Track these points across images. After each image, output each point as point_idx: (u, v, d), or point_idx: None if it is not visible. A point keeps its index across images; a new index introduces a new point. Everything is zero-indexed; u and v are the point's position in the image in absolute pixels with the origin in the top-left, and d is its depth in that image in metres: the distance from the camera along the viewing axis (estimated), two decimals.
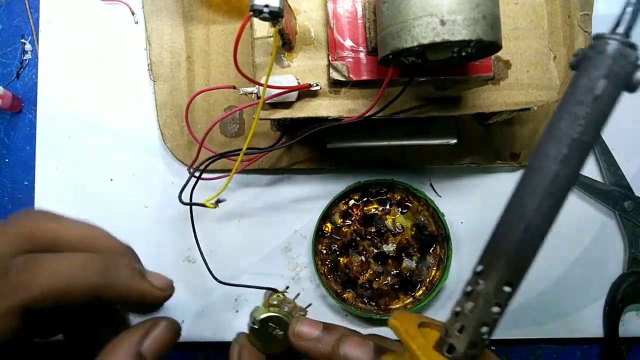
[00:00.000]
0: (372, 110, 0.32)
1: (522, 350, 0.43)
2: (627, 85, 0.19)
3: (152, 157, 0.42)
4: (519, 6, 0.32)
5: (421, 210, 0.42)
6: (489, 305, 0.21)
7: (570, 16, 0.40)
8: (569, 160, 0.19)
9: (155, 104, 0.41)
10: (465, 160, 0.41)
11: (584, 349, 0.43)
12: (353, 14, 0.31)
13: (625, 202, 0.42)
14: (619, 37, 0.19)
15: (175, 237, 0.42)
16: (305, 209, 0.42)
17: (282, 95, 0.31)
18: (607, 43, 0.19)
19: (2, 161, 0.43)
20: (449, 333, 0.22)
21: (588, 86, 0.19)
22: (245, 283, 0.37)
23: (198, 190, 0.37)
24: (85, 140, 0.42)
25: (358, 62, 0.31)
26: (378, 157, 0.42)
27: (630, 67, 0.19)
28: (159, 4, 0.41)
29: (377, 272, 0.41)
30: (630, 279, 0.41)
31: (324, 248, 0.42)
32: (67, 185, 0.42)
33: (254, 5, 0.23)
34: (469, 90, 0.33)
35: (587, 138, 0.19)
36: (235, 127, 0.42)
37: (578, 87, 0.19)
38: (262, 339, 0.33)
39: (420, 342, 0.23)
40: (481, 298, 0.21)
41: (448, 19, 0.23)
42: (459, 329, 0.21)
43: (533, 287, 0.42)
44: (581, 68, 0.20)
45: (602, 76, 0.19)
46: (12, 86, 0.44)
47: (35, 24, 0.43)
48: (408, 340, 0.23)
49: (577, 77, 0.20)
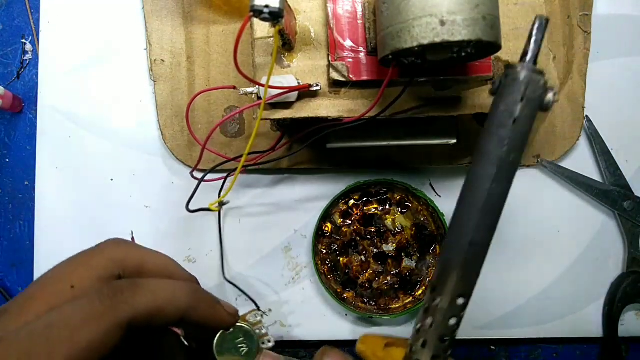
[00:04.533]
0: (372, 111, 0.32)
1: (522, 350, 0.43)
2: (541, 106, 0.22)
3: (153, 157, 0.42)
4: (518, 6, 0.32)
5: (421, 210, 0.42)
6: (446, 319, 0.22)
7: (569, 16, 0.40)
8: (499, 178, 0.21)
9: (156, 104, 0.41)
10: (465, 160, 0.41)
11: (583, 349, 0.43)
12: (353, 14, 0.31)
13: (625, 202, 0.42)
14: (528, 64, 0.22)
15: (176, 237, 0.42)
16: (305, 209, 0.42)
17: (282, 96, 0.31)
18: (519, 72, 0.21)
19: (3, 161, 0.44)
20: (413, 349, 0.23)
21: (507, 111, 0.21)
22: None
23: (199, 191, 0.37)
24: (85, 140, 0.43)
25: (358, 63, 0.31)
26: (378, 157, 0.42)
27: (541, 91, 0.21)
28: (159, 4, 0.41)
29: (377, 271, 0.41)
30: (630, 279, 0.41)
31: (324, 248, 0.42)
32: (67, 185, 0.42)
33: (254, 6, 0.23)
34: (469, 91, 0.33)
35: (513, 157, 0.21)
36: (235, 127, 0.42)
37: (499, 111, 0.22)
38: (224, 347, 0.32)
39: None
40: (438, 314, 0.23)
41: (448, 19, 0.23)
42: (422, 344, 0.23)
43: (533, 287, 0.42)
44: (499, 94, 0.22)
45: (518, 101, 0.21)
46: (13, 86, 0.44)
47: (35, 24, 0.43)
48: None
49: (496, 103, 0.22)
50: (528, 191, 0.42)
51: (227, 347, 0.33)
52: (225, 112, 0.41)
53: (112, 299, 0.26)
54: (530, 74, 0.21)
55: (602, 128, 0.42)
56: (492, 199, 0.21)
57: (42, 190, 0.42)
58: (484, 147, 0.22)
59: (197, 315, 0.28)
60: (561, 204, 0.42)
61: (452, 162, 0.41)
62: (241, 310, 0.34)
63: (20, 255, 0.43)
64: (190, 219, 0.40)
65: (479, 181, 0.22)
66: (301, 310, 0.42)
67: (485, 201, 0.21)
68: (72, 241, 0.42)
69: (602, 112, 0.42)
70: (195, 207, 0.37)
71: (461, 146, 0.39)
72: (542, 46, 0.22)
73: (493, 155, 0.21)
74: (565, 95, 0.41)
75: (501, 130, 0.21)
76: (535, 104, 0.21)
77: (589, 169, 0.42)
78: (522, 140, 0.22)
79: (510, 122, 0.21)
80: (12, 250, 0.43)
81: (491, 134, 0.22)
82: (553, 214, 0.42)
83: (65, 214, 0.42)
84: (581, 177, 0.42)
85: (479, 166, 0.22)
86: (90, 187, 0.42)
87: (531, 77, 0.21)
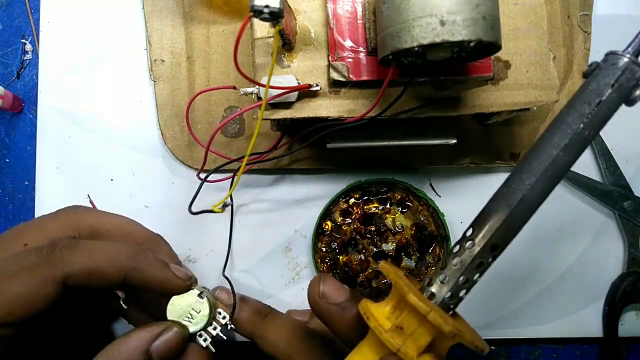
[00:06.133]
0: (373, 111, 0.32)
1: (521, 350, 0.43)
2: (627, 98, 0.22)
3: (153, 157, 0.42)
4: (518, 7, 0.32)
5: (421, 209, 0.42)
6: (473, 262, 0.23)
7: (569, 16, 0.40)
8: (569, 149, 0.22)
9: (156, 104, 0.41)
10: (465, 160, 0.41)
11: (583, 349, 0.43)
12: (353, 14, 0.31)
13: (624, 202, 0.42)
14: (630, 55, 0.22)
15: (176, 237, 0.42)
16: (305, 208, 0.42)
17: (282, 96, 0.31)
18: (620, 58, 0.22)
19: (3, 161, 0.44)
20: (431, 282, 0.24)
21: (596, 91, 0.22)
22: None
23: (200, 192, 0.37)
24: (85, 140, 0.43)
25: (358, 63, 0.31)
26: (378, 157, 0.42)
27: (634, 82, 0.22)
28: (159, 5, 0.41)
29: (377, 270, 0.41)
30: (629, 278, 0.41)
31: (323, 246, 0.42)
32: (67, 185, 0.42)
33: (254, 6, 0.23)
34: (469, 91, 0.33)
35: (587, 134, 0.22)
36: (235, 127, 0.42)
37: (587, 90, 0.22)
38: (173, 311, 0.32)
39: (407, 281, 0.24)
40: (468, 254, 0.23)
41: (448, 19, 0.23)
42: (443, 279, 0.24)
43: (533, 287, 0.42)
44: (592, 75, 0.23)
45: (610, 84, 0.22)
46: (13, 86, 0.44)
47: (35, 24, 0.43)
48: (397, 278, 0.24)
49: (588, 82, 0.23)
50: None
51: (177, 312, 0.32)
52: (225, 112, 0.41)
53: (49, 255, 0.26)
54: (630, 63, 0.22)
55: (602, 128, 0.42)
56: (555, 166, 0.22)
57: (42, 190, 0.42)
58: (562, 118, 0.22)
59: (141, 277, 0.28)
60: (561, 204, 0.42)
61: (452, 162, 0.41)
62: None
63: None
64: (190, 219, 0.40)
65: (547, 146, 0.22)
66: None
67: (548, 166, 0.22)
68: None
69: None
70: (196, 208, 0.38)
71: (461, 146, 0.39)
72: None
73: (569, 127, 0.22)
74: (565, 95, 0.41)
75: (585, 106, 0.22)
76: (624, 93, 0.22)
77: (589, 169, 0.42)
78: (601, 122, 0.22)
79: (596, 101, 0.22)
80: None
81: (574, 108, 0.22)
82: (553, 214, 0.42)
83: None
84: (581, 177, 0.42)
85: (552, 133, 0.22)
86: (90, 187, 0.42)
87: (629, 65, 0.22)
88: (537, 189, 0.22)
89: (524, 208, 0.23)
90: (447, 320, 0.22)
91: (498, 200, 0.23)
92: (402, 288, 0.23)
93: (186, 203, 0.37)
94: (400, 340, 0.23)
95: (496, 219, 0.23)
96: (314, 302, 0.29)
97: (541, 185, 0.22)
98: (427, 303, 0.23)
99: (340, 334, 0.28)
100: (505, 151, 0.41)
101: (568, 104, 0.23)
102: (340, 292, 0.28)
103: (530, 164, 0.22)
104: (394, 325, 0.23)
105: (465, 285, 0.24)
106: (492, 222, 0.23)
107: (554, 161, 0.22)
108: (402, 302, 0.24)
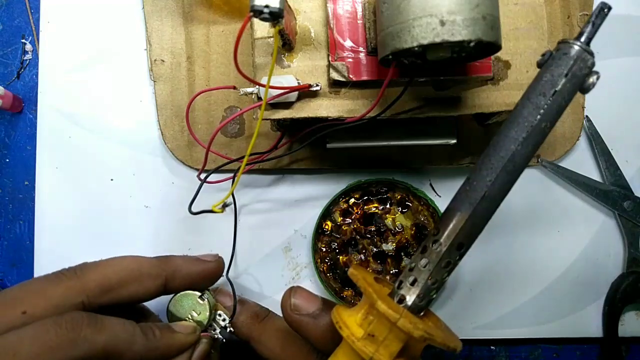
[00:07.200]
0: (373, 111, 0.32)
1: (521, 350, 0.43)
2: (582, 87, 0.22)
3: (153, 157, 0.42)
4: (518, 7, 0.32)
5: (421, 210, 0.42)
6: (441, 262, 0.23)
7: (569, 16, 0.40)
8: (527, 142, 0.22)
9: (156, 104, 0.41)
10: (465, 160, 0.41)
11: (583, 349, 0.43)
12: (353, 14, 0.31)
13: (624, 202, 0.42)
14: (581, 43, 0.22)
15: (176, 237, 0.42)
16: (305, 209, 0.42)
17: (282, 96, 0.31)
18: (571, 47, 0.22)
19: (3, 161, 0.44)
20: (401, 285, 0.24)
21: (550, 81, 0.22)
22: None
23: (200, 193, 0.37)
24: (85, 140, 0.43)
25: (358, 63, 0.31)
26: (378, 157, 0.42)
27: (587, 70, 0.22)
28: (159, 5, 0.41)
29: (377, 270, 0.41)
30: (629, 278, 0.41)
31: (323, 246, 0.42)
32: (67, 185, 0.42)
33: (254, 6, 0.23)
34: (469, 91, 0.33)
35: (544, 125, 0.22)
36: (235, 128, 0.42)
37: (542, 81, 0.22)
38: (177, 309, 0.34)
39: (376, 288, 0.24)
40: (435, 255, 0.23)
41: (448, 19, 0.23)
42: (412, 282, 0.24)
43: (533, 287, 0.42)
44: (546, 65, 0.23)
45: (563, 74, 0.22)
46: (13, 86, 0.44)
47: (35, 24, 0.43)
48: (366, 285, 0.24)
49: (541, 73, 0.23)
50: (528, 191, 0.42)
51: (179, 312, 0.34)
52: (225, 112, 0.41)
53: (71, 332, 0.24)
54: (582, 52, 0.22)
55: (602, 128, 0.42)
56: (514, 160, 0.22)
57: (42, 190, 0.42)
58: (518, 111, 0.23)
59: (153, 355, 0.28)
60: (561, 204, 0.42)
61: (452, 162, 0.41)
62: None
63: (20, 255, 0.43)
64: (190, 219, 0.40)
65: (506, 141, 0.22)
66: None
67: (507, 160, 0.22)
68: (72, 241, 0.42)
69: (602, 112, 0.42)
70: (196, 209, 0.38)
71: (461, 146, 0.39)
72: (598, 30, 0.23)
73: (526, 120, 0.22)
74: None
75: (540, 98, 0.22)
76: (578, 82, 0.22)
77: (589, 169, 0.42)
78: (557, 112, 0.22)
79: (551, 92, 0.22)
80: (12, 250, 0.43)
81: (529, 101, 0.22)
82: (553, 214, 0.42)
83: (65, 214, 0.42)
84: (581, 177, 0.42)
85: (509, 128, 0.23)
86: (90, 187, 0.42)
87: (581, 54, 0.22)
88: (498, 185, 0.22)
89: (487, 205, 0.23)
90: (417, 325, 0.23)
91: (461, 199, 0.23)
92: (370, 295, 0.23)
93: (186, 203, 0.37)
94: (372, 348, 0.23)
95: (460, 217, 0.23)
96: (287, 315, 0.29)
97: (502, 180, 0.22)
98: (397, 309, 0.23)
99: (316, 343, 0.29)
100: None
101: (524, 97, 0.23)
102: (311, 303, 0.29)
103: (490, 160, 0.23)
104: (366, 333, 0.23)
105: (435, 286, 0.24)
106: (455, 221, 0.23)
107: (513, 156, 0.22)
108: (372, 309, 0.24)
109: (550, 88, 0.22)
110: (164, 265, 0.32)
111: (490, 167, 0.22)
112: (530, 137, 0.22)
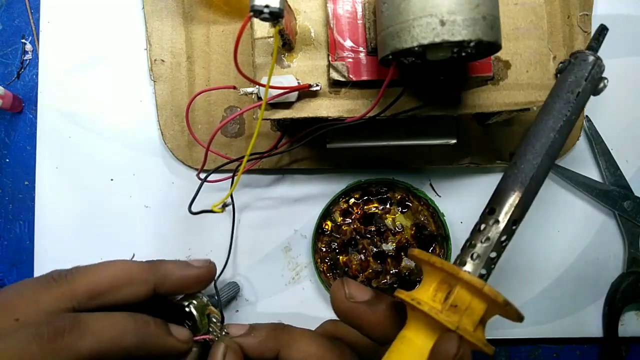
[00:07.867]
0: (373, 111, 0.32)
1: (522, 350, 0.43)
2: (595, 90, 0.26)
3: (153, 157, 0.42)
4: (518, 7, 0.32)
5: (421, 209, 0.42)
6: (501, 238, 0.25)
7: (569, 16, 0.40)
8: (562, 131, 0.26)
9: (156, 104, 0.41)
10: (464, 160, 0.41)
11: (583, 349, 0.43)
12: (353, 14, 0.31)
13: (624, 202, 0.42)
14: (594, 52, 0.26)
15: (176, 237, 0.42)
16: (305, 208, 0.42)
17: (282, 96, 0.31)
18: (588, 56, 0.26)
19: (3, 161, 0.44)
20: (463, 260, 0.26)
21: (575, 82, 0.26)
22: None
23: (200, 192, 0.37)
24: (85, 140, 0.43)
25: (358, 63, 0.31)
26: (378, 157, 0.42)
27: (600, 75, 0.26)
28: (159, 5, 0.41)
29: (376, 270, 0.41)
30: (629, 278, 0.41)
31: (323, 246, 0.42)
32: (67, 185, 0.42)
33: (254, 6, 0.23)
34: (469, 91, 0.33)
35: (574, 118, 0.26)
36: (235, 128, 0.42)
37: (567, 82, 0.26)
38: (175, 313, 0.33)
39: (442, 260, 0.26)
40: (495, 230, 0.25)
41: (448, 19, 0.23)
42: (474, 257, 0.26)
43: (533, 287, 0.42)
44: (567, 70, 0.27)
45: (584, 77, 0.26)
46: (13, 86, 0.44)
47: (35, 24, 0.43)
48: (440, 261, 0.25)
49: (565, 76, 0.27)
50: None
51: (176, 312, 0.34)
52: (225, 112, 0.41)
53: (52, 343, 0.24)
54: (596, 60, 0.26)
55: (602, 128, 0.42)
56: (554, 146, 0.26)
57: (42, 190, 0.42)
58: (552, 106, 0.26)
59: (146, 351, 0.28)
60: (561, 204, 0.42)
61: (452, 162, 0.41)
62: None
63: (20, 255, 0.43)
64: (190, 219, 0.40)
65: (545, 130, 0.26)
66: (301, 310, 0.42)
67: (549, 146, 0.25)
68: (72, 241, 0.42)
69: (602, 112, 0.42)
70: (196, 208, 0.37)
71: (461, 146, 0.39)
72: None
73: (559, 113, 0.26)
74: None
75: (569, 95, 0.26)
76: (594, 84, 0.26)
77: (589, 169, 0.42)
78: (581, 108, 0.26)
79: (577, 91, 0.26)
80: (12, 250, 0.43)
81: (560, 97, 0.26)
82: (553, 214, 0.42)
83: (65, 214, 0.42)
84: (581, 177, 0.42)
85: (546, 120, 0.26)
86: (90, 187, 0.42)
87: (597, 61, 0.26)
88: (543, 167, 0.25)
89: (535, 184, 0.26)
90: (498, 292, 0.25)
91: (512, 180, 0.26)
92: (451, 268, 0.25)
93: (186, 203, 0.37)
94: (456, 317, 0.24)
95: (514, 196, 0.25)
96: (341, 304, 0.29)
97: (545, 163, 0.25)
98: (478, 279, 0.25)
99: (372, 330, 0.28)
100: (505, 151, 0.41)
101: (553, 94, 0.26)
102: (364, 291, 0.29)
103: (534, 147, 0.26)
104: (447, 305, 0.25)
105: (494, 261, 0.26)
106: (511, 200, 0.25)
107: (553, 142, 0.26)
108: (445, 283, 0.25)
109: (576, 87, 0.26)
110: (154, 269, 0.32)
111: (535, 152, 0.26)
112: (564, 126, 0.26)
